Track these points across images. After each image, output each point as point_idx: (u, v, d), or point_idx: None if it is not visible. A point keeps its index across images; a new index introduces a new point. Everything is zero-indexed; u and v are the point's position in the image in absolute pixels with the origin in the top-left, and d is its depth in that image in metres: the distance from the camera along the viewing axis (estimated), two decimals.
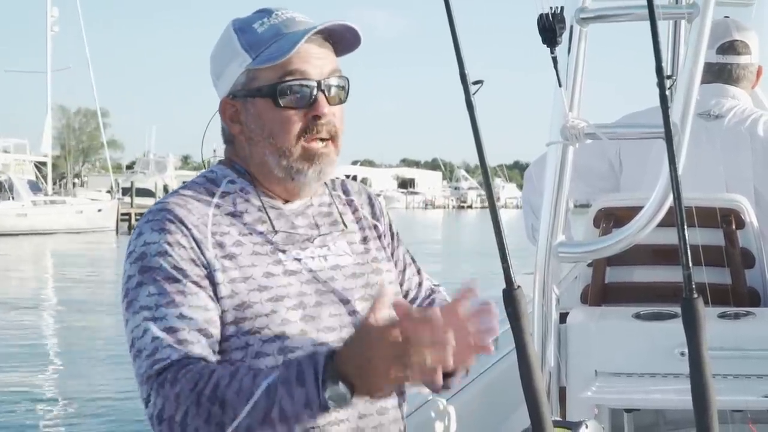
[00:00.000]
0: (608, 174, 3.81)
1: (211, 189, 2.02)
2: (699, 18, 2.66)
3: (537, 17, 2.52)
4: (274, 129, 2.00)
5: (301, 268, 2.00)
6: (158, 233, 1.91)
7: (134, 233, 1.94)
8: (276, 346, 1.92)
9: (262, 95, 2.00)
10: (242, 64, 2.01)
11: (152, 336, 1.84)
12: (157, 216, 1.93)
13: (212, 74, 2.09)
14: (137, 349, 1.85)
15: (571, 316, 3.07)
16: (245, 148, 2.06)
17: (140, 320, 1.86)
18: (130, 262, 1.92)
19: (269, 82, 1.99)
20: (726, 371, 2.82)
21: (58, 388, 12.76)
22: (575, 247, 2.86)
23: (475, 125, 2.09)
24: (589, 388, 2.90)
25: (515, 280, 2.06)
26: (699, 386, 2.06)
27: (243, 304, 1.91)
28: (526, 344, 2.07)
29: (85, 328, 18.03)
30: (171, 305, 1.86)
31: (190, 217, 1.94)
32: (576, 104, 2.78)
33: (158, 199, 2.05)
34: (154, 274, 1.88)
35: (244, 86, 2.02)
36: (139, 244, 1.91)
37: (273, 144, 2.01)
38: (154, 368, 1.82)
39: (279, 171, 2.03)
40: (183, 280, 1.88)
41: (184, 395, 1.78)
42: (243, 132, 2.05)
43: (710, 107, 3.65)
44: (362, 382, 1.75)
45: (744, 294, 3.19)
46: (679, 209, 2.06)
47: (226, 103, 2.05)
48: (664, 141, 2.17)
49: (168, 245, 1.90)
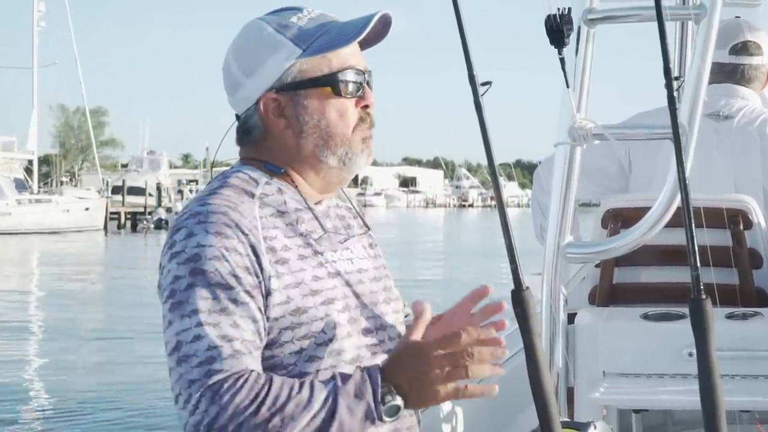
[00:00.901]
0: (617, 174, 3.81)
1: (250, 190, 1.98)
2: (706, 19, 2.67)
3: (545, 18, 2.52)
4: (332, 118, 2.01)
5: (339, 270, 2.01)
6: (214, 236, 1.86)
7: (180, 233, 1.89)
8: (327, 349, 1.93)
9: (319, 84, 2.00)
10: (290, 56, 1.99)
11: (208, 344, 1.80)
12: (211, 218, 1.88)
13: (239, 72, 2.03)
14: (185, 353, 1.81)
15: (579, 316, 3.07)
16: (290, 143, 2.02)
17: (191, 324, 1.82)
18: (177, 262, 1.86)
19: (323, 72, 1.99)
20: (734, 372, 2.82)
21: (43, 393, 12.53)
22: (583, 248, 2.86)
23: (483, 126, 2.08)
24: (598, 389, 2.90)
25: (524, 280, 2.07)
26: (707, 387, 2.06)
27: (299, 309, 1.90)
28: (535, 345, 2.07)
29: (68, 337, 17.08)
30: (224, 313, 1.83)
31: (243, 221, 1.90)
32: (584, 105, 2.78)
33: (198, 196, 1.99)
34: (209, 279, 1.84)
35: (295, 78, 2.00)
36: (191, 245, 1.86)
37: (330, 134, 2.01)
38: (213, 379, 1.78)
39: (333, 160, 2.02)
40: (236, 288, 1.85)
41: (243, 407, 1.76)
42: (290, 125, 2.01)
43: (719, 108, 3.65)
44: (416, 394, 1.84)
45: (752, 294, 3.19)
46: (687, 210, 2.06)
47: (268, 98, 2.00)
48: (672, 142, 2.17)
49: (225, 250, 1.85)
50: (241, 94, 2.04)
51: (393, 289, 2.17)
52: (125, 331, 17.03)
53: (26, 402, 11.84)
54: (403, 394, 1.83)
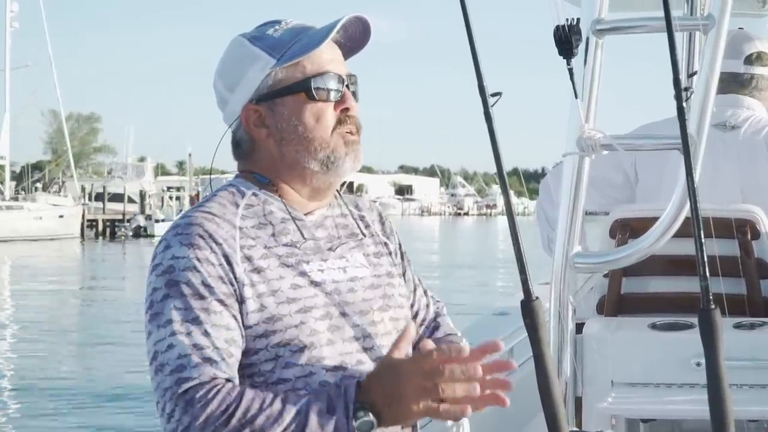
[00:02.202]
0: (623, 185, 3.82)
1: (235, 201, 2.02)
2: (715, 29, 2.67)
3: (553, 29, 2.53)
4: (309, 123, 2.03)
5: (324, 279, 2.02)
6: (187, 248, 1.90)
7: (161, 245, 1.94)
8: (305, 357, 1.94)
9: (293, 91, 2.03)
10: (265, 67, 2.03)
11: (178, 352, 1.84)
12: (187, 230, 1.93)
13: (224, 89, 2.09)
14: (160, 362, 1.86)
15: (588, 326, 3.07)
16: (273, 152, 2.06)
17: (165, 334, 1.86)
18: (156, 274, 1.91)
19: (298, 79, 2.02)
20: (742, 381, 2.83)
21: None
22: (591, 258, 2.87)
23: (493, 136, 2.10)
24: (606, 399, 2.91)
25: (533, 290, 2.08)
26: (716, 396, 2.06)
27: (273, 317, 1.92)
28: (544, 354, 2.09)
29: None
30: (195, 322, 1.87)
31: (219, 232, 1.94)
32: (592, 115, 2.79)
33: (183, 213, 2.03)
34: (182, 289, 1.88)
35: (271, 87, 2.03)
36: (167, 258, 1.91)
37: (308, 138, 2.03)
38: (182, 387, 1.82)
39: (315, 164, 2.04)
40: (209, 297, 1.89)
41: (213, 417, 1.79)
42: (271, 134, 2.05)
43: (726, 118, 3.66)
44: (390, 412, 1.82)
45: (760, 304, 3.20)
46: (697, 220, 2.07)
47: (249, 109, 2.05)
48: (681, 152, 2.18)
49: (197, 261, 1.90)
50: (228, 109, 2.09)
51: (395, 296, 2.16)
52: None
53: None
54: (377, 410, 1.82)
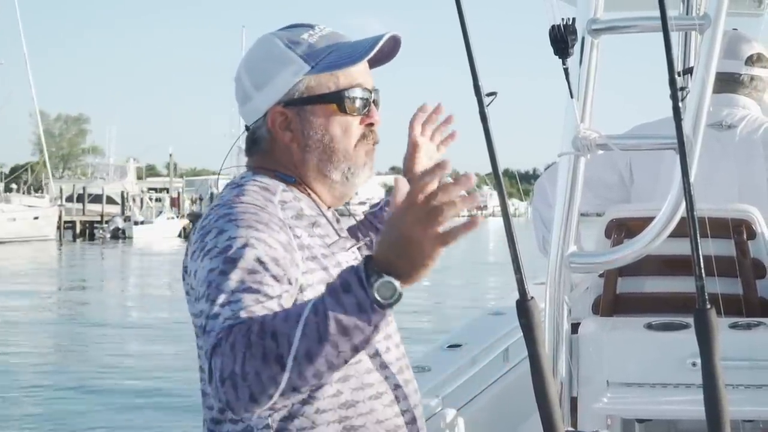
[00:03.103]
0: (618, 186, 3.82)
1: (269, 197, 2.01)
2: (711, 29, 2.67)
3: (549, 29, 2.53)
4: (336, 134, 2.05)
5: None
6: (245, 229, 1.87)
7: (211, 234, 1.89)
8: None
9: (325, 101, 2.04)
10: (299, 72, 2.04)
11: (224, 317, 1.77)
12: (241, 216, 1.90)
13: (250, 85, 2.09)
14: (208, 330, 1.79)
15: (583, 326, 3.07)
16: (295, 156, 2.07)
17: (217, 308, 1.79)
18: (210, 257, 1.86)
19: (330, 89, 2.04)
20: (738, 381, 2.82)
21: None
22: (587, 258, 2.87)
23: (488, 137, 2.10)
24: (601, 399, 2.91)
25: (529, 290, 2.07)
26: (712, 396, 2.06)
27: None
28: (540, 354, 2.08)
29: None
30: (248, 291, 1.80)
31: (274, 219, 1.93)
32: (587, 115, 2.78)
33: (220, 203, 1.98)
34: (240, 264, 1.82)
35: (302, 94, 2.04)
36: (222, 240, 1.86)
37: (333, 149, 2.06)
38: (217, 338, 1.75)
39: (336, 174, 2.07)
40: (262, 272, 1.83)
41: (237, 342, 1.70)
42: (295, 139, 2.06)
43: (722, 117, 3.66)
44: (405, 263, 1.69)
45: (756, 304, 3.19)
46: (692, 220, 2.07)
47: (276, 111, 2.05)
48: (676, 152, 2.18)
49: (255, 240, 1.85)
50: (251, 105, 2.09)
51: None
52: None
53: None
54: (393, 268, 1.69)
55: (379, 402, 2.00)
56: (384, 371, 2.03)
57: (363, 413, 1.97)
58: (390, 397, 2.02)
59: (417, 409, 2.10)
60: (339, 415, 1.94)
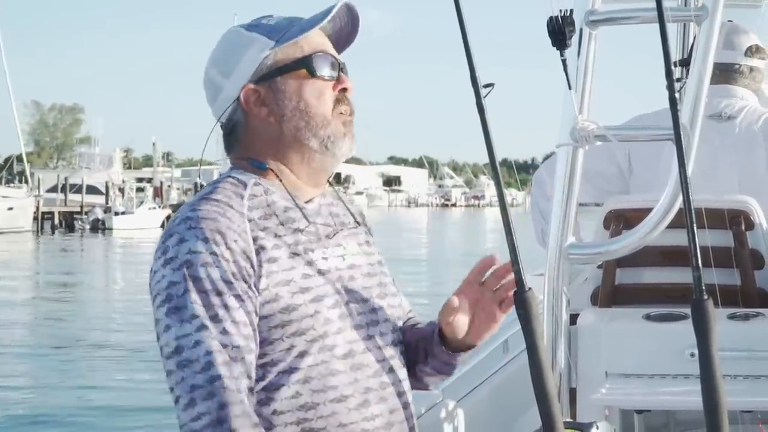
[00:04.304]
0: (617, 177, 3.82)
1: (239, 192, 2.02)
2: (708, 20, 2.67)
3: (547, 20, 2.52)
4: (310, 100, 2.06)
5: (329, 267, 2.04)
6: (203, 243, 1.90)
7: (173, 238, 1.93)
8: (318, 345, 1.96)
9: (294, 68, 2.06)
10: (264, 48, 2.06)
11: (206, 349, 1.86)
12: (201, 224, 1.92)
13: (218, 76, 2.11)
14: (186, 358, 1.87)
15: (582, 317, 3.08)
16: (273, 131, 2.07)
17: (191, 330, 1.87)
18: (172, 268, 1.91)
19: (297, 57, 2.06)
20: (736, 372, 2.83)
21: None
22: (585, 249, 2.87)
23: (486, 128, 2.10)
24: (600, 390, 2.91)
25: (526, 282, 2.08)
26: (709, 387, 2.06)
27: (288, 307, 1.94)
28: (538, 345, 2.08)
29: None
30: (216, 319, 1.88)
31: (233, 226, 1.94)
32: (585, 106, 2.78)
33: (190, 201, 2.02)
34: (202, 285, 1.89)
35: (271, 67, 2.06)
36: (183, 251, 1.90)
37: (310, 114, 2.06)
38: (214, 385, 1.85)
39: (315, 142, 2.07)
40: (227, 293, 1.89)
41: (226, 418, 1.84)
42: (272, 112, 2.07)
43: (721, 109, 3.66)
44: None
45: (754, 295, 3.20)
46: (689, 211, 2.07)
47: (248, 90, 2.06)
48: (674, 143, 2.18)
49: (215, 256, 1.90)
50: (223, 95, 2.10)
51: (389, 285, 2.20)
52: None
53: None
54: None
55: (342, 405, 1.98)
56: (355, 373, 2.01)
57: (323, 416, 1.96)
58: (357, 401, 2.00)
59: (396, 413, 2.08)
60: (297, 417, 1.94)
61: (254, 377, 1.91)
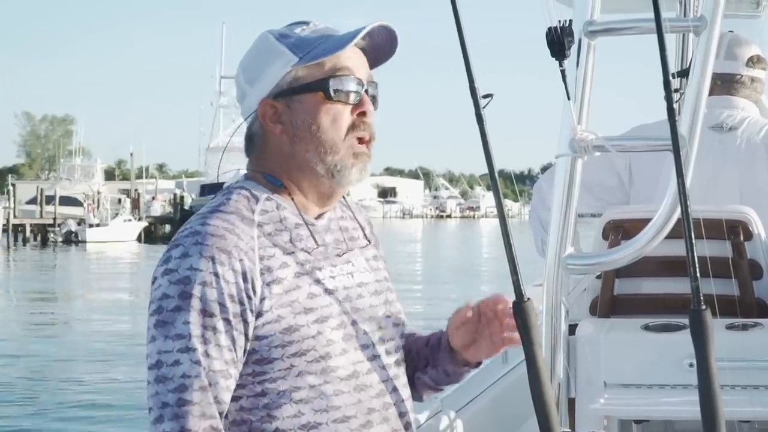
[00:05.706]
0: (617, 188, 3.82)
1: (251, 207, 1.99)
2: (706, 31, 2.67)
3: (546, 31, 2.53)
4: (323, 122, 2.01)
5: (336, 286, 2.02)
6: (206, 261, 1.88)
7: (177, 250, 1.91)
8: (320, 366, 1.94)
9: (311, 90, 2.01)
10: (287, 63, 2.02)
11: (183, 371, 1.85)
12: (207, 241, 1.89)
13: (245, 82, 2.08)
14: (163, 374, 1.86)
15: (580, 327, 3.08)
16: (285, 149, 2.04)
17: (173, 347, 1.86)
18: (169, 280, 1.89)
19: (316, 78, 2.02)
20: (734, 382, 2.83)
21: None
22: (584, 259, 2.87)
23: (485, 139, 2.10)
24: (598, 400, 2.91)
25: (525, 292, 2.08)
26: (707, 397, 2.06)
27: (290, 327, 1.92)
28: (536, 356, 2.09)
29: None
30: (200, 341, 1.86)
31: (240, 244, 1.91)
32: (585, 117, 2.79)
33: (201, 212, 2.00)
34: (194, 303, 1.86)
35: (290, 84, 2.03)
36: (184, 266, 1.88)
37: (320, 138, 2.01)
38: (182, 409, 1.84)
39: (321, 167, 2.02)
40: (218, 316, 1.87)
41: None
42: (285, 131, 2.03)
43: (723, 120, 3.66)
44: None
45: (752, 305, 3.20)
46: (687, 221, 2.07)
47: (266, 104, 2.04)
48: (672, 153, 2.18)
49: (215, 276, 1.87)
50: (246, 102, 2.09)
51: (395, 303, 2.18)
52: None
53: None
54: None
55: (345, 426, 1.97)
56: (359, 394, 2.00)
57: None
58: (359, 422, 1.99)
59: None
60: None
61: (228, 401, 1.90)
